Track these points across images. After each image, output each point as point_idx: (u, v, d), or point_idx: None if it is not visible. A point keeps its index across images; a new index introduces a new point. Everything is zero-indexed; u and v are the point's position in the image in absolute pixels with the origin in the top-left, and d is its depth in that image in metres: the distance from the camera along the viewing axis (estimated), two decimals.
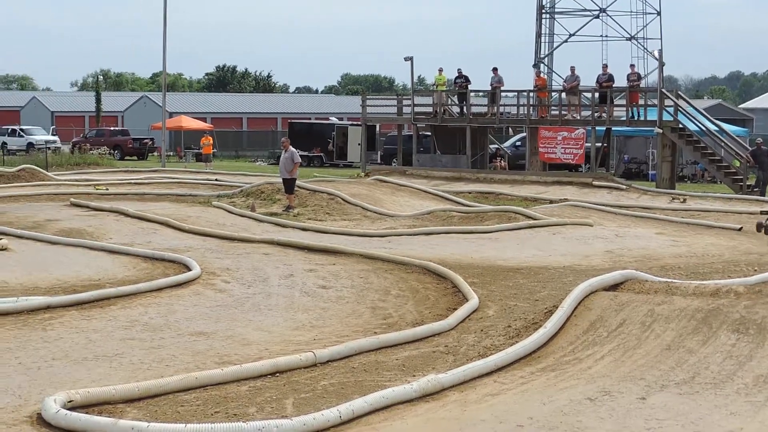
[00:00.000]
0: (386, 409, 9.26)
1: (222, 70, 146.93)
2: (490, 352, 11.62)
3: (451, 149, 46.90)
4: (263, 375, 10.70)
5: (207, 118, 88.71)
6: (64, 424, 8.71)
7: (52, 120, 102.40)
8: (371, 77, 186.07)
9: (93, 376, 10.75)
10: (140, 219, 25.33)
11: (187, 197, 33.05)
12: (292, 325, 13.84)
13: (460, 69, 46.83)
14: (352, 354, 11.77)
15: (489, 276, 17.80)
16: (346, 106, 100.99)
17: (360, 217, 27.97)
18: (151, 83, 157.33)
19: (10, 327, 13.01)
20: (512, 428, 8.38)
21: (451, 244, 22.17)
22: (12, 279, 16.53)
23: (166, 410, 9.45)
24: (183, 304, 14.98)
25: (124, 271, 17.82)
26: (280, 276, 17.48)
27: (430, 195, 33.27)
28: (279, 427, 8.45)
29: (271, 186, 32.01)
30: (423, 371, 10.99)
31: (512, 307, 14.88)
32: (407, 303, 15.46)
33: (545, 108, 45.42)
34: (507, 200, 33.65)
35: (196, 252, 19.94)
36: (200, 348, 12.27)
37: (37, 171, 40.39)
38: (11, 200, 30.93)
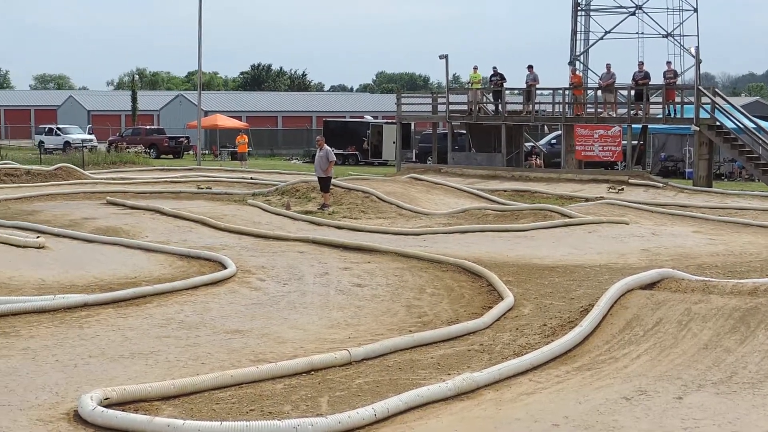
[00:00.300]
0: (421, 408, 9.25)
1: (257, 68, 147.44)
2: (526, 350, 11.58)
3: (486, 147, 46.78)
4: (298, 373, 10.71)
5: (242, 116, 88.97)
6: (100, 421, 8.75)
7: (89, 119, 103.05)
8: (406, 75, 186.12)
9: (129, 373, 10.80)
10: (176, 217, 25.43)
11: (223, 195, 33.15)
12: (327, 324, 13.85)
13: (496, 67, 46.68)
14: (387, 352, 11.76)
15: (524, 274, 17.75)
16: (381, 105, 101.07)
17: (395, 215, 27.95)
18: (186, 82, 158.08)
19: (48, 324, 13.10)
20: (547, 427, 8.34)
21: (487, 242, 22.12)
22: (49, 277, 16.63)
23: (201, 408, 9.48)
24: (218, 302, 15.03)
25: (160, 269, 17.89)
26: (315, 274, 17.51)
27: (465, 193, 33.21)
28: (314, 425, 8.46)
29: (307, 184, 32.05)
30: (458, 370, 10.96)
31: (548, 306, 14.83)
32: (442, 301, 15.44)
33: (581, 106, 45.20)
34: (542, 198, 33.55)
35: (231, 250, 20.00)
36: (235, 346, 12.30)
37: (74, 170, 40.63)
38: (48, 199, 31.12)
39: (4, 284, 15.77)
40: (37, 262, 17.68)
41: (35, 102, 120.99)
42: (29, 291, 15.39)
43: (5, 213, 26.63)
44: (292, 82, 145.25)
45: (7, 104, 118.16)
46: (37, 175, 38.04)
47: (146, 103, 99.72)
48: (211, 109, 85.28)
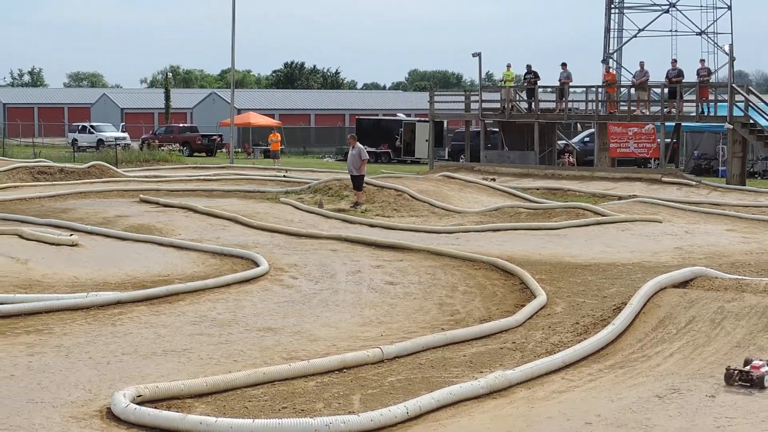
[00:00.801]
0: (453, 406, 9.25)
1: (290, 66, 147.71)
2: (558, 348, 11.56)
3: (519, 145, 46.69)
4: (330, 371, 10.72)
5: (275, 114, 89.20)
6: (133, 418, 8.78)
7: (122, 117, 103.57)
8: (439, 73, 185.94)
9: (162, 371, 10.83)
10: (209, 215, 25.51)
11: (255, 193, 33.22)
12: (360, 321, 13.85)
13: (530, 65, 46.57)
14: (420, 350, 11.76)
15: (557, 272, 17.71)
16: (414, 102, 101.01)
17: (427, 213, 27.93)
18: (219, 80, 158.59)
19: (81, 322, 13.16)
20: (580, 426, 8.32)
21: (519, 240, 22.08)
22: (82, 274, 16.71)
23: (233, 405, 9.50)
24: (251, 300, 15.06)
25: (193, 267, 17.95)
26: (348, 272, 17.52)
27: (497, 191, 33.13)
28: (346, 422, 8.46)
29: (339, 182, 32.07)
30: (490, 368, 10.95)
31: (580, 304, 14.78)
32: (475, 299, 15.42)
33: (614, 103, 45.03)
34: (575, 196, 33.42)
35: (264, 248, 20.04)
36: (268, 343, 12.32)
37: (107, 167, 40.83)
38: (81, 196, 31.29)
39: (38, 282, 15.87)
40: (70, 260, 17.77)
41: (69, 100, 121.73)
42: (62, 289, 15.47)
43: (39, 211, 26.80)
44: (325, 80, 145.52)
45: (41, 102, 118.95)
46: (70, 173, 38.26)
47: (179, 101, 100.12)
48: (244, 107, 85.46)
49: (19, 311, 13.42)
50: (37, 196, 30.64)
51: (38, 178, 36.77)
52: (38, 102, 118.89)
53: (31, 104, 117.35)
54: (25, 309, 13.51)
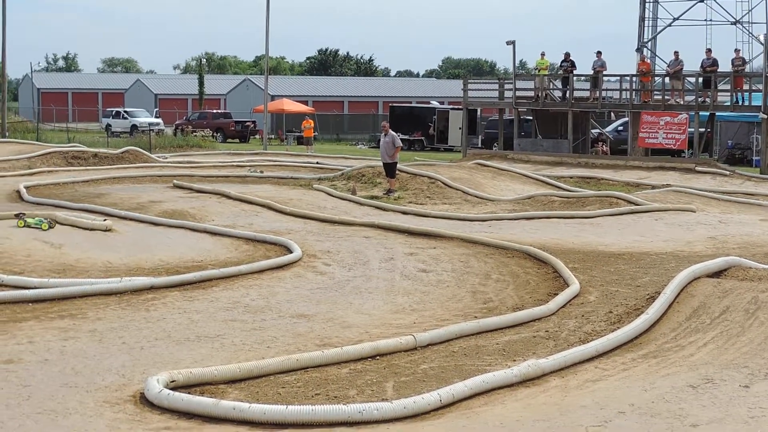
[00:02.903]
0: (486, 394, 9.22)
1: (324, 53, 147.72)
2: (591, 337, 11.52)
3: (552, 134, 46.54)
4: (364, 358, 10.72)
5: (308, 101, 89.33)
6: (166, 403, 8.80)
7: (156, 102, 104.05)
8: (472, 61, 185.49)
9: (195, 356, 10.86)
10: (242, 201, 25.56)
11: (289, 180, 33.27)
12: (392, 309, 13.85)
13: (568, 53, 46.32)
14: (452, 338, 11.74)
15: (590, 261, 17.64)
16: (447, 90, 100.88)
17: (460, 201, 27.90)
18: (253, 66, 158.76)
19: (115, 307, 13.22)
20: (613, 415, 8.27)
21: (552, 228, 22.02)
22: (116, 259, 16.78)
23: (267, 391, 9.51)
24: (284, 287, 15.08)
25: (226, 253, 17.98)
26: (381, 259, 17.51)
27: (531, 179, 33.05)
28: (379, 409, 8.45)
29: (372, 169, 32.07)
30: (523, 356, 10.92)
31: (613, 293, 14.72)
32: (508, 287, 15.38)
33: (648, 93, 44.78)
34: (609, 185, 33.29)
35: (297, 234, 20.06)
36: (301, 330, 12.34)
37: (141, 153, 41.02)
38: (115, 182, 31.46)
39: (72, 266, 15.94)
40: (104, 245, 17.84)
41: (103, 85, 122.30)
42: (96, 273, 15.54)
43: (73, 195, 26.95)
44: (359, 67, 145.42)
45: (75, 87, 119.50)
46: (104, 159, 38.46)
47: (213, 87, 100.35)
48: (277, 94, 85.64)
49: (53, 296, 13.50)
50: (71, 181, 30.81)
51: (72, 162, 36.99)
52: (72, 87, 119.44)
53: (66, 89, 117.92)
54: (59, 294, 13.59)
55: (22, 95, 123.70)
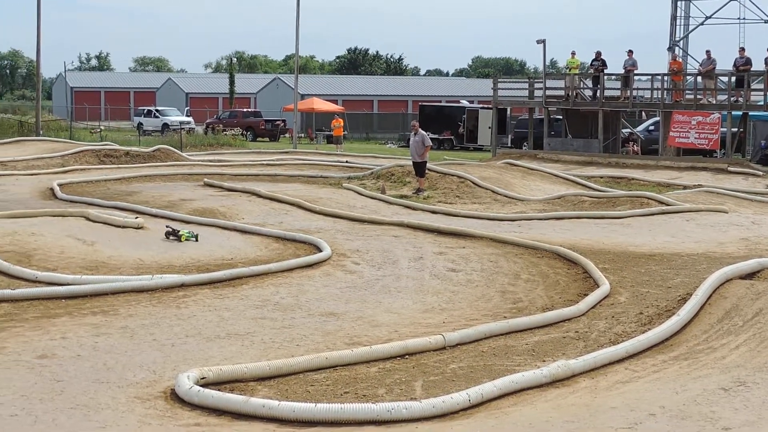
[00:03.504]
0: (515, 394, 9.21)
1: (353, 52, 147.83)
2: (622, 338, 11.47)
3: (582, 133, 46.38)
4: (393, 357, 10.72)
5: (338, 100, 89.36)
6: (196, 400, 8.84)
7: (187, 101, 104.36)
8: (502, 60, 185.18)
9: (225, 353, 10.90)
10: (272, 200, 25.62)
11: (318, 179, 33.32)
12: (422, 308, 13.85)
13: (600, 52, 46.11)
14: (482, 338, 11.73)
15: (620, 262, 17.57)
16: (477, 89, 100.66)
17: (490, 200, 27.86)
18: (283, 65, 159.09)
19: (146, 304, 13.28)
20: (644, 417, 8.24)
21: (582, 228, 21.95)
22: (147, 257, 16.85)
23: (296, 389, 9.54)
24: (313, 285, 15.11)
25: (256, 251, 18.03)
26: (410, 258, 17.51)
27: (561, 179, 32.96)
28: (408, 408, 8.45)
29: (402, 168, 32.08)
30: (553, 357, 10.90)
31: (644, 294, 14.66)
32: (537, 287, 15.35)
33: (680, 92, 44.56)
34: (639, 185, 33.15)
35: (326, 233, 20.09)
36: (330, 328, 12.36)
37: (172, 151, 41.19)
38: (147, 180, 31.61)
39: (104, 263, 16.03)
40: (135, 242, 17.93)
41: (135, 84, 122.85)
42: (128, 270, 15.63)
43: (105, 193, 27.12)
44: (388, 66, 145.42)
45: (107, 86, 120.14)
46: (136, 157, 38.65)
47: (243, 86, 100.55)
48: (307, 93, 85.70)
49: (86, 292, 13.60)
50: (104, 179, 30.98)
51: (104, 161, 37.21)
52: (105, 86, 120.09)
53: (98, 88, 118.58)
54: (92, 290, 13.68)
55: (56, 94, 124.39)
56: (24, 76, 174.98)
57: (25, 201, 25.34)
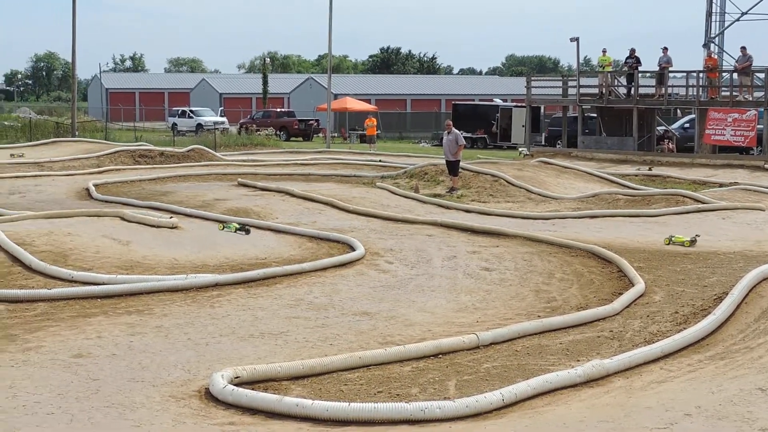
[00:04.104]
0: (549, 394, 9.17)
1: (386, 51, 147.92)
2: (657, 338, 11.40)
3: (617, 131, 46.20)
4: (426, 356, 10.70)
5: (371, 99, 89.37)
6: (231, 399, 8.87)
7: (221, 101, 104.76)
8: (536, 58, 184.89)
9: (259, 352, 10.93)
10: (305, 199, 25.66)
11: (352, 178, 33.35)
12: (455, 307, 13.82)
13: (634, 49, 45.86)
14: (516, 337, 11.69)
15: (656, 260, 17.48)
16: (511, 88, 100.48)
17: (524, 199, 27.79)
18: (316, 65, 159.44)
19: (180, 303, 13.33)
20: (679, 417, 8.19)
21: (617, 227, 21.85)
22: (182, 256, 16.91)
23: (329, 388, 9.54)
24: (347, 284, 15.11)
25: (290, 251, 18.05)
26: (444, 257, 17.49)
27: (595, 177, 32.84)
28: (442, 408, 8.44)
29: (435, 167, 32.06)
30: (587, 356, 10.85)
31: (679, 293, 14.57)
32: (571, 287, 15.29)
33: (715, 89, 44.28)
34: (675, 183, 32.99)
35: (360, 232, 20.10)
36: (363, 328, 12.36)
37: (206, 151, 41.38)
38: (181, 180, 31.75)
39: (139, 263, 16.10)
40: (170, 242, 17.99)
41: (169, 85, 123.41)
42: (162, 270, 15.68)
43: (140, 193, 27.26)
44: (422, 65, 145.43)
45: (142, 87, 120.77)
46: (170, 157, 38.85)
47: (277, 86, 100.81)
48: (340, 92, 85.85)
49: (121, 292, 13.66)
50: (138, 179, 31.14)
51: (139, 161, 37.42)
52: (139, 87, 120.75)
53: (133, 89, 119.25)
54: (127, 290, 13.75)
55: (91, 95, 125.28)
56: (60, 77, 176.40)
57: (62, 201, 25.53)
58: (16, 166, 34.63)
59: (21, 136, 49.71)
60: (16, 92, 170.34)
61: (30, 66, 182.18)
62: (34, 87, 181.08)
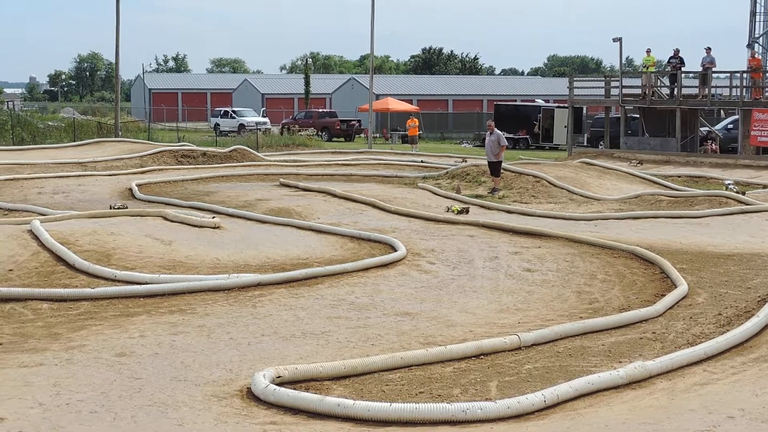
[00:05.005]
0: (591, 395, 9.13)
1: (428, 52, 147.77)
2: (700, 340, 11.33)
3: (659, 132, 45.94)
4: (468, 357, 10.69)
5: (413, 99, 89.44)
6: (272, 399, 8.89)
7: (263, 102, 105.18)
8: (578, 58, 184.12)
9: (300, 352, 10.96)
10: (347, 199, 25.69)
11: (393, 178, 33.36)
12: (497, 308, 13.80)
13: (678, 49, 45.58)
14: (557, 338, 11.65)
15: (698, 262, 17.37)
16: (553, 88, 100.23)
17: (566, 200, 27.70)
18: (358, 65, 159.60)
19: (222, 303, 13.40)
20: (722, 419, 8.14)
21: (659, 228, 21.74)
22: (224, 256, 16.98)
23: (371, 389, 9.55)
24: (388, 285, 15.12)
25: (331, 251, 18.08)
26: (485, 258, 17.47)
27: (638, 178, 32.67)
28: (483, 409, 8.43)
29: (477, 168, 32.03)
30: (629, 358, 10.80)
31: (723, 295, 14.47)
32: (614, 288, 15.23)
33: (759, 89, 43.93)
34: (718, 185, 32.75)
35: (401, 233, 20.11)
36: (405, 328, 12.36)
37: (248, 152, 41.54)
38: (223, 180, 31.89)
39: (181, 263, 16.18)
40: (212, 242, 18.06)
41: (211, 85, 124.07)
42: (205, 270, 15.76)
43: (182, 193, 27.40)
44: (463, 65, 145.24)
45: (184, 88, 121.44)
46: (212, 157, 39.04)
47: (319, 87, 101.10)
48: (382, 93, 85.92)
49: (164, 291, 13.76)
50: (181, 179, 31.31)
51: (182, 161, 37.63)
52: (182, 87, 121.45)
53: (176, 89, 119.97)
54: (170, 289, 13.84)
55: (135, 96, 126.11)
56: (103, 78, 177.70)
57: (105, 201, 25.70)
58: (60, 165, 34.90)
59: (65, 137, 50.12)
60: (60, 93, 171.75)
61: (74, 66, 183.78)
62: (77, 87, 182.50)
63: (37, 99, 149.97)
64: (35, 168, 34.07)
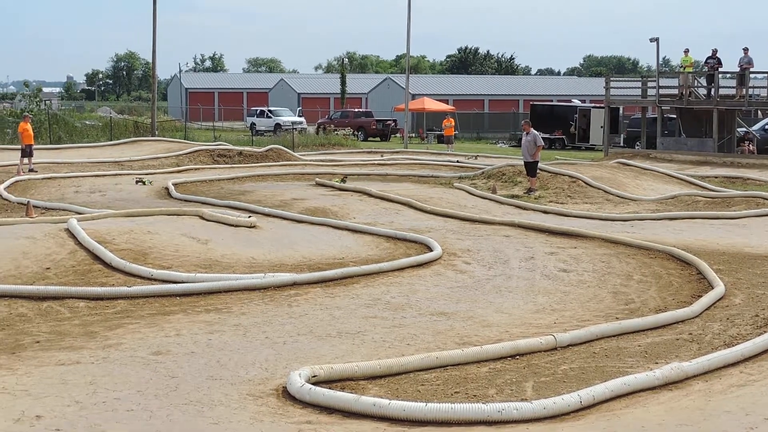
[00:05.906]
0: (627, 396, 9.10)
1: (464, 52, 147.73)
2: (737, 341, 11.27)
3: (696, 132, 45.68)
4: (503, 357, 10.68)
5: (449, 99, 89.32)
6: (308, 398, 8.91)
7: (299, 101, 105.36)
8: (614, 59, 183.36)
9: (336, 352, 10.97)
10: (382, 199, 25.71)
11: (429, 178, 33.35)
12: (533, 308, 13.77)
13: (716, 49, 45.30)
14: (593, 339, 11.62)
15: (735, 263, 17.26)
16: (589, 88, 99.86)
17: (602, 200, 27.60)
18: (394, 65, 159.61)
19: (258, 302, 13.44)
20: (759, 421, 8.10)
21: (696, 229, 21.62)
22: (260, 255, 17.03)
23: (406, 388, 9.55)
24: (424, 284, 15.12)
25: (367, 250, 18.10)
26: (521, 258, 17.43)
27: (674, 179, 32.50)
28: (519, 409, 8.42)
29: (513, 168, 31.96)
30: (666, 359, 10.75)
31: (760, 296, 14.38)
32: (650, 289, 15.16)
33: None
34: (755, 185, 32.53)
35: (437, 233, 20.10)
36: (440, 328, 12.36)
37: (284, 151, 41.67)
38: (259, 179, 31.99)
39: (217, 262, 16.24)
40: (248, 241, 18.11)
41: (248, 85, 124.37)
42: (240, 269, 15.81)
43: (219, 193, 27.51)
44: (500, 65, 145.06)
45: (221, 87, 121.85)
46: (249, 157, 39.20)
47: (355, 86, 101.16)
48: (418, 93, 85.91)
49: (200, 290, 13.82)
50: (217, 179, 31.45)
51: (218, 161, 37.82)
52: (218, 87, 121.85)
53: (212, 89, 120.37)
54: (205, 288, 13.90)
55: (171, 95, 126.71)
56: (140, 77, 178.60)
57: (141, 200, 25.87)
58: (97, 164, 35.12)
59: (102, 136, 50.44)
60: (97, 92, 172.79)
61: (111, 66, 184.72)
62: (114, 87, 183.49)
63: (74, 98, 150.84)
64: (72, 167, 34.31)
